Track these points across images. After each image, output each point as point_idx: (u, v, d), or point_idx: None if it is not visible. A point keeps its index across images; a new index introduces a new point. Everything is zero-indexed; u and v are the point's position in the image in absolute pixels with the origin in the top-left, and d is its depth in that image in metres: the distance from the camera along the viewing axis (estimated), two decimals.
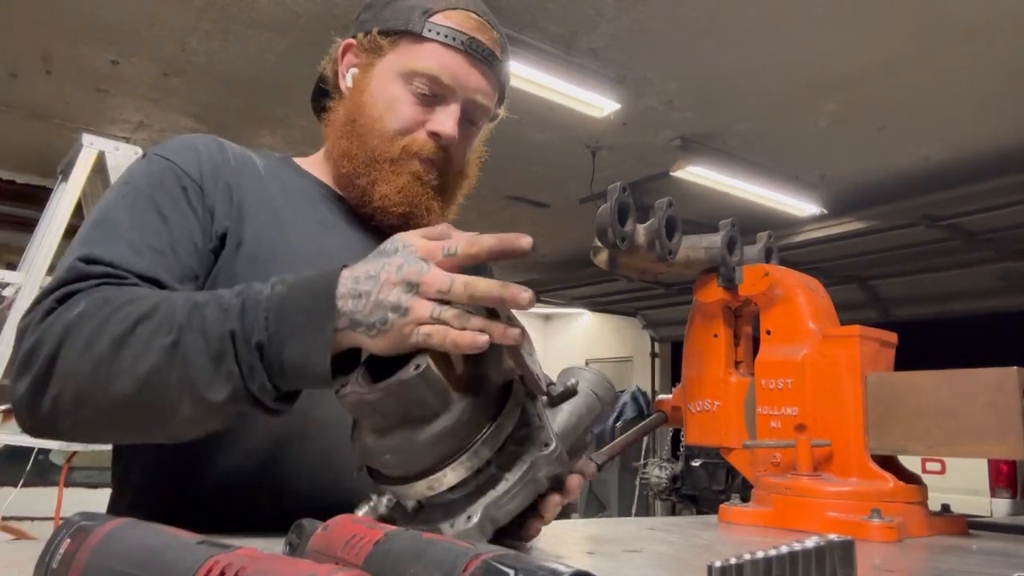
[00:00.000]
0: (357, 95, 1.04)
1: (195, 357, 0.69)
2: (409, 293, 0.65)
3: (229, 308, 0.70)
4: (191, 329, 0.69)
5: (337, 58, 1.09)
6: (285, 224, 0.97)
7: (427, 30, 1.00)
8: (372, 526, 0.47)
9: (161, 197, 0.89)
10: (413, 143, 1.01)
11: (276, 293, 0.70)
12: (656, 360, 10.65)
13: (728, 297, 1.18)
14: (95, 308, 0.72)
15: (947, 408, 0.96)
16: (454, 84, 1.01)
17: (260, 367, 0.68)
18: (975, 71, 4.12)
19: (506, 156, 5.56)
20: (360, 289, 0.67)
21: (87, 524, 0.43)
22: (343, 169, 1.04)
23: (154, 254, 0.84)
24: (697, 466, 6.54)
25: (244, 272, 0.90)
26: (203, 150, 0.96)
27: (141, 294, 0.75)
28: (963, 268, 7.10)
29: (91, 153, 3.33)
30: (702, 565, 0.43)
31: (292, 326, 0.68)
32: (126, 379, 0.69)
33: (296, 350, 0.67)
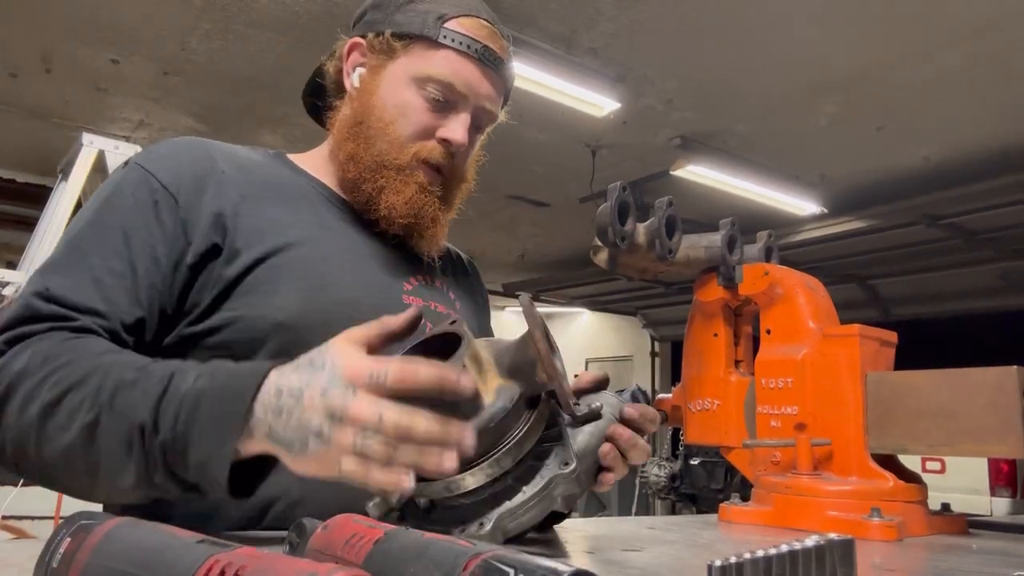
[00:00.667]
0: (365, 96, 1.03)
1: (108, 441, 0.69)
2: (331, 420, 0.62)
3: (150, 393, 0.68)
4: (111, 412, 0.69)
5: (342, 55, 1.07)
6: (285, 228, 0.95)
7: (442, 36, 1.00)
8: (372, 525, 0.47)
9: (129, 212, 0.88)
10: (423, 149, 1.01)
11: (195, 388, 0.68)
12: (656, 359, 10.65)
13: (728, 296, 1.18)
14: (35, 366, 0.73)
15: (947, 408, 0.95)
16: (467, 92, 1.01)
17: (161, 464, 0.67)
18: (975, 71, 4.12)
19: (506, 156, 5.56)
20: (282, 404, 0.64)
21: (87, 523, 0.43)
22: (348, 173, 1.03)
23: (112, 279, 0.84)
24: (696, 465, 6.54)
25: (246, 280, 0.89)
26: (187, 159, 0.94)
27: (80, 355, 0.74)
28: (963, 268, 7.11)
29: (91, 152, 3.33)
30: (702, 564, 0.43)
31: (200, 430, 0.66)
32: (50, 448, 0.71)
33: (198, 455, 0.66)
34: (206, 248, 0.90)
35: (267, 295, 0.89)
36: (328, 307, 0.92)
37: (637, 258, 1.11)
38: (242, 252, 0.90)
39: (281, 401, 0.64)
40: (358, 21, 1.09)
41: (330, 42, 1.11)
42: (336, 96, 1.10)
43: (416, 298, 1.05)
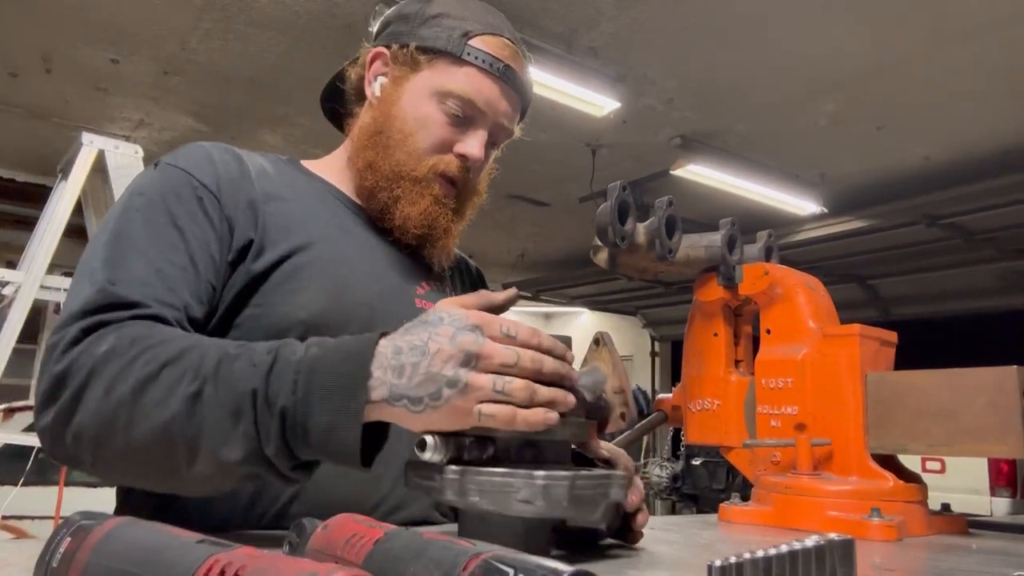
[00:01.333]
0: (386, 106, 1.04)
1: (213, 412, 0.66)
2: (466, 367, 0.62)
3: (258, 364, 0.67)
4: (215, 381, 0.67)
5: (365, 63, 1.08)
6: (307, 228, 0.96)
7: (466, 53, 1.02)
8: (372, 525, 0.47)
9: (177, 208, 0.87)
10: (440, 162, 1.03)
11: (309, 356, 0.66)
12: (656, 359, 10.65)
13: (728, 296, 1.18)
14: (123, 347, 0.71)
15: (947, 408, 0.95)
16: (487, 109, 1.03)
17: (278, 432, 0.65)
18: (976, 71, 4.12)
19: (506, 155, 5.55)
20: (404, 361, 0.64)
21: (87, 523, 0.43)
22: (366, 181, 1.04)
23: (174, 271, 0.83)
24: (697, 465, 6.54)
25: (271, 277, 0.89)
26: (219, 161, 0.95)
27: (172, 336, 0.73)
28: (963, 268, 7.11)
29: (91, 152, 3.33)
30: (702, 564, 0.43)
31: (322, 392, 0.64)
32: (145, 425, 0.68)
33: (323, 419, 0.64)
34: (243, 244, 0.90)
35: (291, 293, 0.90)
36: (348, 308, 0.93)
37: (637, 258, 1.11)
38: (267, 248, 0.91)
39: (402, 358, 0.64)
40: (382, 31, 1.10)
41: (330, 42, 1.12)
42: (356, 103, 1.11)
43: (427, 302, 1.06)
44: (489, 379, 0.62)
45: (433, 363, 0.63)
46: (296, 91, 4.53)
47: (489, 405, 0.61)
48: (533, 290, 9.27)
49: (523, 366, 0.62)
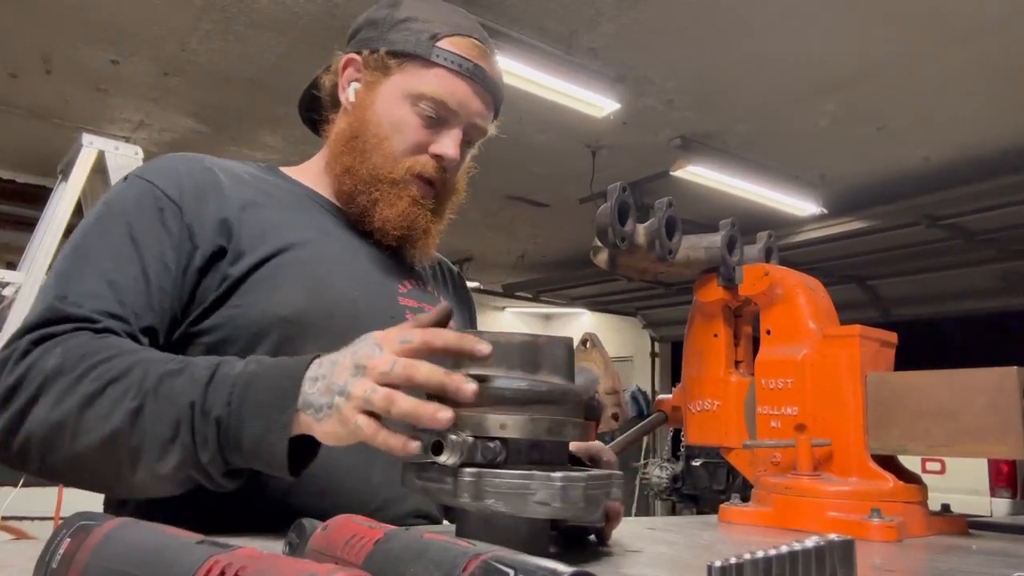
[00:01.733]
0: (360, 111, 1.06)
1: (154, 424, 0.71)
2: (356, 376, 0.66)
3: (198, 379, 0.72)
4: (156, 396, 0.72)
5: (338, 71, 1.10)
6: (284, 231, 0.98)
7: (435, 55, 1.03)
8: (372, 526, 0.47)
9: (135, 220, 0.91)
10: (416, 163, 1.05)
11: (247, 371, 0.72)
12: (656, 360, 10.65)
13: (728, 297, 1.18)
14: (72, 362, 0.75)
15: (947, 408, 0.95)
16: (459, 109, 1.05)
17: (214, 440, 0.70)
18: (976, 71, 4.12)
19: (506, 156, 5.56)
20: (318, 373, 0.69)
21: (87, 524, 0.43)
22: (344, 185, 1.06)
23: (126, 282, 0.86)
24: (697, 466, 6.54)
25: (250, 278, 0.92)
26: (185, 171, 0.97)
27: (118, 352, 0.77)
28: (963, 268, 7.11)
29: (91, 152, 3.33)
30: (702, 565, 0.43)
31: (255, 404, 0.69)
32: (90, 436, 0.73)
33: (254, 430, 0.69)
34: (213, 251, 0.92)
35: (270, 291, 0.92)
36: (329, 304, 0.95)
37: (637, 259, 1.11)
38: (246, 253, 0.93)
39: (320, 370, 0.69)
40: (353, 37, 1.12)
41: (330, 43, 1.13)
42: (332, 109, 1.13)
43: (411, 300, 1.08)
44: (362, 388, 0.65)
45: (335, 374, 0.68)
46: (296, 92, 4.50)
47: (362, 416, 0.65)
48: (533, 291, 9.27)
49: (396, 374, 0.65)
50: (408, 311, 1.06)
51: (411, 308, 1.07)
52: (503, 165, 5.73)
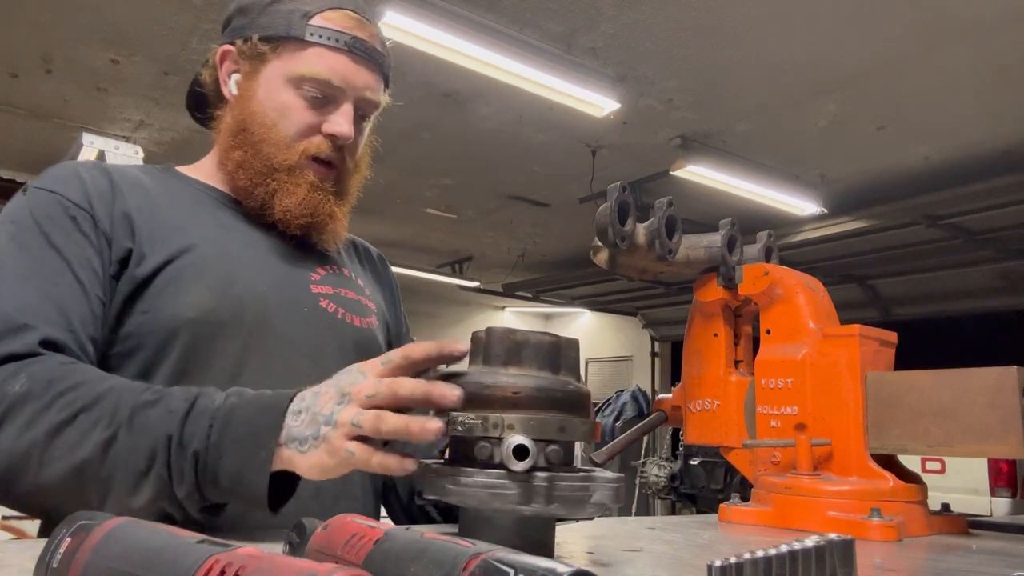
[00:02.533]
0: (244, 103, 1.04)
1: (127, 456, 0.70)
2: (341, 404, 0.65)
3: (174, 411, 0.70)
4: (130, 427, 0.70)
5: (216, 64, 1.08)
6: (187, 232, 0.97)
7: (309, 34, 1.00)
8: (372, 526, 0.47)
9: (51, 230, 0.88)
10: (310, 146, 1.02)
11: (227, 404, 0.70)
12: (656, 359, 10.64)
13: (728, 296, 1.18)
14: (39, 388, 0.73)
15: (947, 408, 0.95)
16: (344, 85, 1.02)
17: (191, 474, 0.68)
18: (975, 70, 4.12)
19: (506, 156, 5.56)
20: (301, 407, 0.68)
21: (88, 523, 0.43)
22: (239, 180, 1.04)
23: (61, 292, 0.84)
24: (695, 465, 6.53)
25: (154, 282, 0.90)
26: (87, 179, 0.95)
27: (87, 378, 0.75)
28: (963, 268, 7.10)
29: (91, 152, 3.32)
30: (702, 564, 0.43)
31: (234, 438, 0.68)
32: (57, 466, 0.71)
33: (233, 463, 0.67)
34: (122, 255, 0.91)
35: (175, 295, 0.91)
36: (237, 301, 0.94)
37: (637, 258, 1.11)
38: (147, 256, 0.92)
39: (303, 403, 0.68)
40: (226, 27, 1.10)
41: None
42: (218, 104, 1.10)
43: (325, 286, 1.06)
44: (350, 414, 0.64)
45: (319, 404, 0.66)
46: None
47: (352, 443, 0.64)
48: (533, 291, 9.26)
49: (382, 394, 0.64)
50: (323, 298, 1.04)
51: (326, 295, 1.05)
52: (503, 165, 5.73)
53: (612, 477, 0.62)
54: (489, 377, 0.64)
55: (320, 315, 1.03)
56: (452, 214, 7.02)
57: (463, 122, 5.02)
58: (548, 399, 0.63)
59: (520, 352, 0.65)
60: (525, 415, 0.62)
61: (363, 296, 1.13)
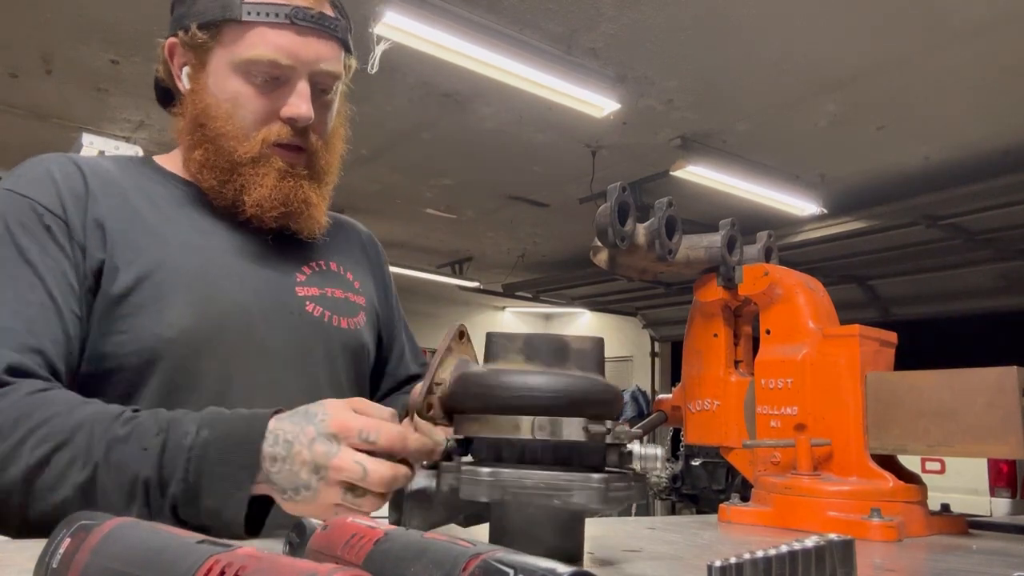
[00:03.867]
0: (198, 97, 0.98)
1: (107, 497, 0.70)
2: (316, 475, 0.66)
3: (149, 448, 0.70)
4: (107, 468, 0.71)
5: (166, 60, 1.02)
6: (163, 240, 0.93)
7: (247, 13, 0.93)
8: (372, 526, 0.47)
9: (24, 241, 0.85)
10: (270, 133, 0.96)
11: (200, 440, 0.70)
12: (656, 359, 10.65)
13: (728, 297, 1.17)
14: (8, 427, 0.73)
15: (947, 408, 0.95)
16: (293, 62, 0.94)
17: (170, 511, 0.70)
18: (975, 71, 4.12)
19: (506, 156, 5.56)
20: (277, 452, 0.68)
21: (87, 523, 0.43)
22: (206, 182, 0.99)
23: (33, 311, 0.82)
24: (696, 465, 6.54)
25: (130, 299, 0.87)
26: (61, 179, 0.91)
27: (52, 411, 0.74)
28: (963, 268, 7.11)
29: (91, 152, 3.32)
30: (702, 565, 0.43)
31: (212, 478, 0.69)
32: (39, 507, 0.72)
33: (212, 502, 0.68)
34: (96, 267, 0.88)
35: (156, 314, 0.88)
36: (218, 317, 0.92)
37: (637, 258, 1.11)
38: (121, 269, 0.88)
39: (277, 448, 0.68)
40: (171, 19, 1.02)
41: None
42: (178, 101, 1.04)
43: (311, 288, 1.03)
44: (336, 492, 0.66)
45: (293, 464, 0.67)
46: None
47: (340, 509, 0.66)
48: (533, 291, 9.26)
49: (371, 480, 0.65)
50: (309, 302, 1.01)
51: (312, 298, 1.02)
52: (503, 165, 5.73)
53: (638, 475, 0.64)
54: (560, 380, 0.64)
55: (306, 320, 1.00)
56: (452, 214, 7.02)
57: (463, 122, 5.02)
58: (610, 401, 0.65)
59: (567, 354, 0.66)
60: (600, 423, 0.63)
61: (351, 292, 1.09)
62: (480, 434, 0.64)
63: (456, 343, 0.71)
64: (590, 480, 0.60)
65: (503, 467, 0.61)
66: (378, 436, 0.66)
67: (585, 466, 0.63)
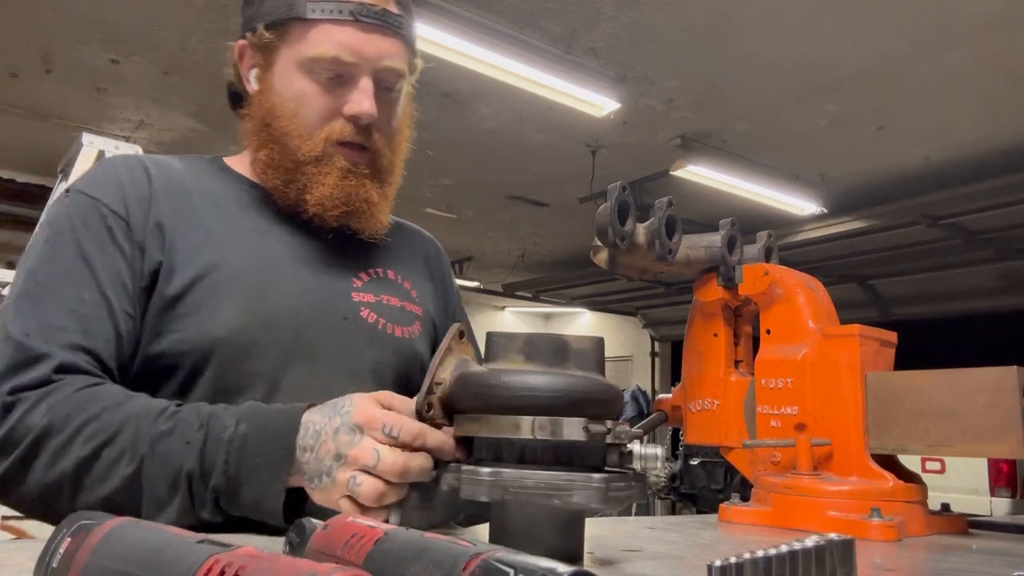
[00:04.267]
0: (265, 97, 1.00)
1: (152, 487, 0.74)
2: (338, 462, 0.68)
3: (192, 442, 0.74)
4: (152, 461, 0.74)
5: (236, 63, 1.05)
6: (220, 240, 0.95)
7: (311, 11, 0.94)
8: (372, 525, 0.47)
9: (85, 240, 0.88)
10: (332, 131, 0.97)
11: (239, 434, 0.73)
12: (656, 359, 10.65)
13: (728, 296, 1.17)
14: (60, 421, 0.76)
15: (947, 408, 0.95)
16: (357, 59, 0.95)
17: (212, 502, 0.73)
18: (975, 71, 4.12)
19: (506, 156, 5.56)
20: (307, 443, 0.71)
21: (87, 523, 0.43)
22: (271, 181, 1.01)
23: (88, 309, 0.85)
24: (695, 465, 6.54)
25: (185, 299, 0.89)
26: (127, 182, 0.94)
27: (103, 406, 0.77)
28: (963, 268, 7.11)
29: (91, 152, 3.33)
30: (702, 564, 0.43)
31: (250, 470, 0.72)
32: (88, 497, 0.75)
33: (252, 492, 0.72)
34: (154, 268, 0.90)
35: (208, 313, 0.89)
36: (269, 318, 0.93)
37: (637, 258, 1.11)
38: (178, 269, 0.90)
39: (307, 440, 0.71)
40: (241, 23, 1.05)
41: None
42: (247, 103, 1.06)
43: (367, 294, 1.03)
44: (345, 477, 0.68)
45: (319, 453, 0.70)
46: None
47: (344, 500, 0.68)
48: (533, 291, 9.27)
49: (383, 468, 0.66)
50: (363, 307, 1.01)
51: (367, 304, 1.02)
52: (503, 165, 5.73)
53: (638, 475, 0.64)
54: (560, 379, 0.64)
55: (360, 326, 1.00)
56: (452, 214, 7.02)
57: (463, 122, 5.02)
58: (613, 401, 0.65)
59: (567, 354, 0.66)
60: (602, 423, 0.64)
61: (407, 301, 1.09)
62: (480, 434, 0.64)
63: (456, 343, 0.71)
64: (591, 480, 0.60)
65: (504, 467, 0.61)
66: (400, 431, 0.67)
67: (585, 466, 0.63)
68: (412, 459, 0.66)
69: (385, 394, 0.73)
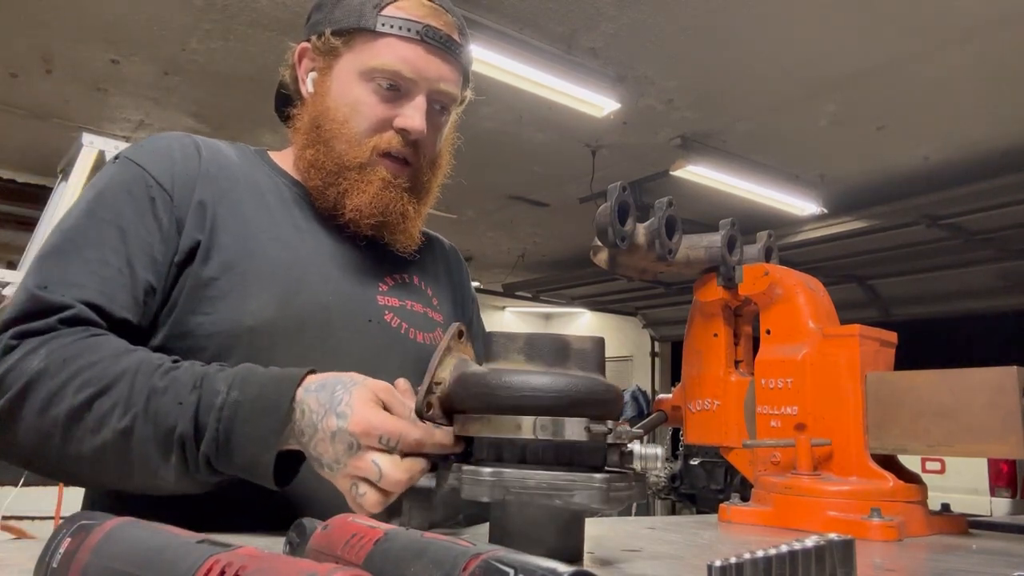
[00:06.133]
0: (320, 100, 1.02)
1: (144, 445, 0.74)
2: (337, 463, 0.70)
3: (184, 403, 0.73)
4: (145, 418, 0.74)
5: (295, 64, 1.07)
6: (258, 231, 0.96)
7: (380, 24, 0.98)
8: (372, 526, 0.47)
9: (125, 207, 0.89)
10: (381, 141, 1.00)
11: (231, 400, 0.73)
12: (656, 359, 10.65)
13: (728, 296, 1.17)
14: (55, 367, 0.76)
15: (947, 408, 0.95)
16: (416, 76, 0.99)
17: (205, 465, 0.73)
18: (975, 71, 4.12)
19: (506, 156, 5.56)
20: (303, 426, 0.71)
21: (87, 523, 0.43)
22: (312, 181, 1.03)
23: (110, 272, 0.85)
24: (695, 465, 6.54)
25: (218, 283, 0.90)
26: (179, 158, 0.95)
27: (99, 355, 0.77)
28: (963, 268, 7.11)
29: (91, 152, 3.33)
30: (702, 564, 0.43)
31: (241, 438, 0.72)
32: (78, 448, 0.75)
33: (243, 458, 0.72)
34: (191, 246, 0.91)
35: (239, 299, 0.90)
36: (299, 312, 0.93)
37: (637, 258, 1.11)
38: (213, 252, 0.91)
39: (304, 423, 0.71)
40: (306, 25, 1.08)
41: None
42: (297, 104, 1.08)
43: (392, 298, 1.05)
44: (347, 485, 0.69)
45: (317, 444, 0.70)
46: None
47: (348, 497, 0.70)
48: (533, 291, 9.26)
49: (385, 482, 0.67)
50: (388, 311, 1.03)
51: (392, 308, 1.04)
52: (503, 165, 5.73)
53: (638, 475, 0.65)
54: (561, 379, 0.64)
55: (383, 329, 1.01)
56: (452, 214, 7.02)
57: (463, 122, 5.02)
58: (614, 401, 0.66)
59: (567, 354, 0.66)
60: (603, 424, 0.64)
61: (430, 308, 1.11)
62: (481, 434, 0.64)
63: (455, 343, 0.71)
64: (592, 480, 0.60)
65: (505, 467, 0.61)
66: (398, 443, 0.68)
67: (586, 466, 0.63)
68: (413, 468, 0.67)
69: (384, 390, 0.73)
